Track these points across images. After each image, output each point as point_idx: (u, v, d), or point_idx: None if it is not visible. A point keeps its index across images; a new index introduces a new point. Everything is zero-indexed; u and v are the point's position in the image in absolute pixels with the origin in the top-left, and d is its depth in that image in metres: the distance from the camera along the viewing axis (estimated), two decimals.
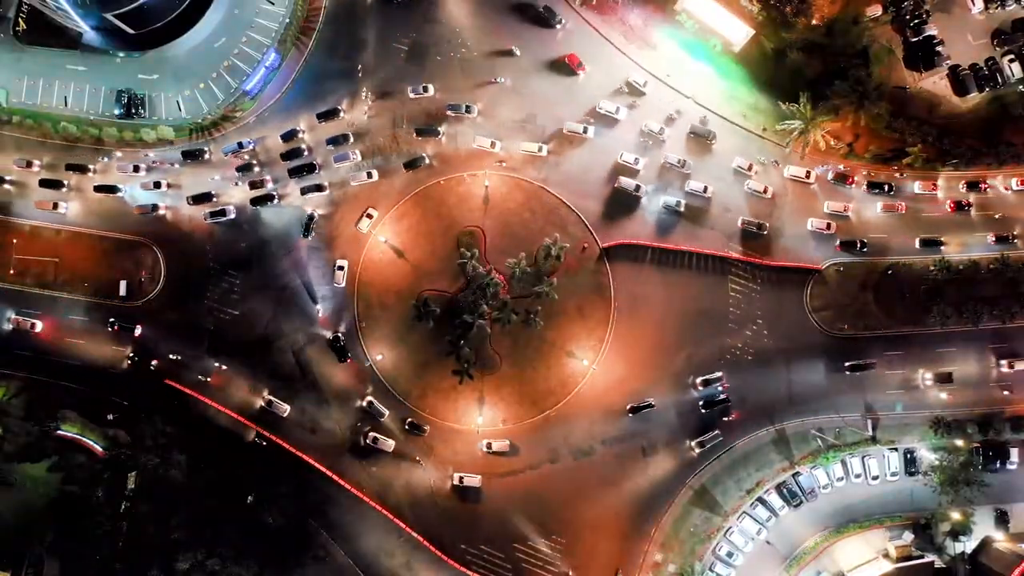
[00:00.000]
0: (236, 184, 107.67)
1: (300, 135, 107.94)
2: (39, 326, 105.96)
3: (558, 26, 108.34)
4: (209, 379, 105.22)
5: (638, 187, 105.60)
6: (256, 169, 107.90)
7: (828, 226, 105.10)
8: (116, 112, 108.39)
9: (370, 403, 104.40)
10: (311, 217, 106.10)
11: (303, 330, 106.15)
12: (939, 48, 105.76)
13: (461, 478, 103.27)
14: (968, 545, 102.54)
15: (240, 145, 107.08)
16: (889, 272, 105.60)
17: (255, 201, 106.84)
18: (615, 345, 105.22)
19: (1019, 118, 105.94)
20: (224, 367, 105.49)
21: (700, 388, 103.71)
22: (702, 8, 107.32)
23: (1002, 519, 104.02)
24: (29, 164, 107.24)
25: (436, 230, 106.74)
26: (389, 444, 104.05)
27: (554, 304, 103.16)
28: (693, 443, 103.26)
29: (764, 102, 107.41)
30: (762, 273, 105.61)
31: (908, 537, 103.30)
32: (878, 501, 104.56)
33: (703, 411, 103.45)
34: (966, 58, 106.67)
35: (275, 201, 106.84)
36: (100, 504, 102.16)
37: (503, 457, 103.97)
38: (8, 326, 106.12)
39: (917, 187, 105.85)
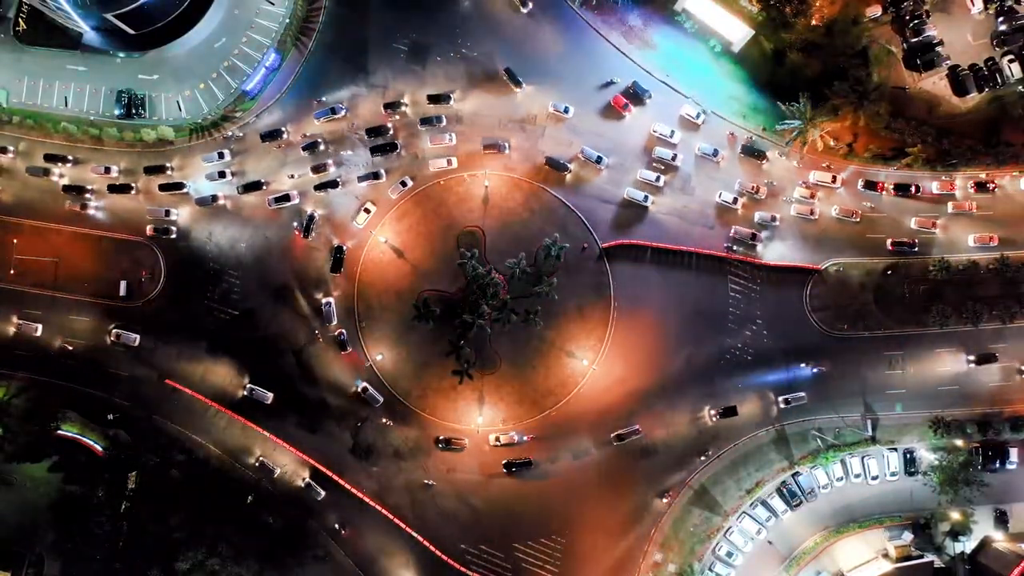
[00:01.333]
0: (291, 177, 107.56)
1: (404, 107, 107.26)
2: (39, 330, 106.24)
3: (524, 8, 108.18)
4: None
5: (646, 197, 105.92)
6: (321, 147, 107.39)
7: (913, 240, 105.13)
8: (116, 112, 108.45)
9: (364, 389, 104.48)
10: (311, 217, 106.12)
11: (303, 329, 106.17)
12: (938, 48, 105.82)
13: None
14: (967, 545, 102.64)
15: (333, 110, 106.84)
16: (888, 272, 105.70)
17: (320, 187, 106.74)
18: (615, 345, 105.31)
19: (1018, 118, 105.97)
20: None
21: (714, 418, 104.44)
22: (702, 8, 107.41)
23: (1001, 519, 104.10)
24: (107, 170, 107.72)
25: (436, 230, 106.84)
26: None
27: (554, 304, 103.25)
28: (780, 399, 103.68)
29: (764, 102, 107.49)
30: (761, 273, 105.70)
31: (907, 537, 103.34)
32: (877, 501, 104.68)
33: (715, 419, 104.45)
34: (965, 58, 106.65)
35: (338, 187, 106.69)
36: (100, 504, 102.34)
37: (504, 454, 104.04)
38: (12, 329, 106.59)
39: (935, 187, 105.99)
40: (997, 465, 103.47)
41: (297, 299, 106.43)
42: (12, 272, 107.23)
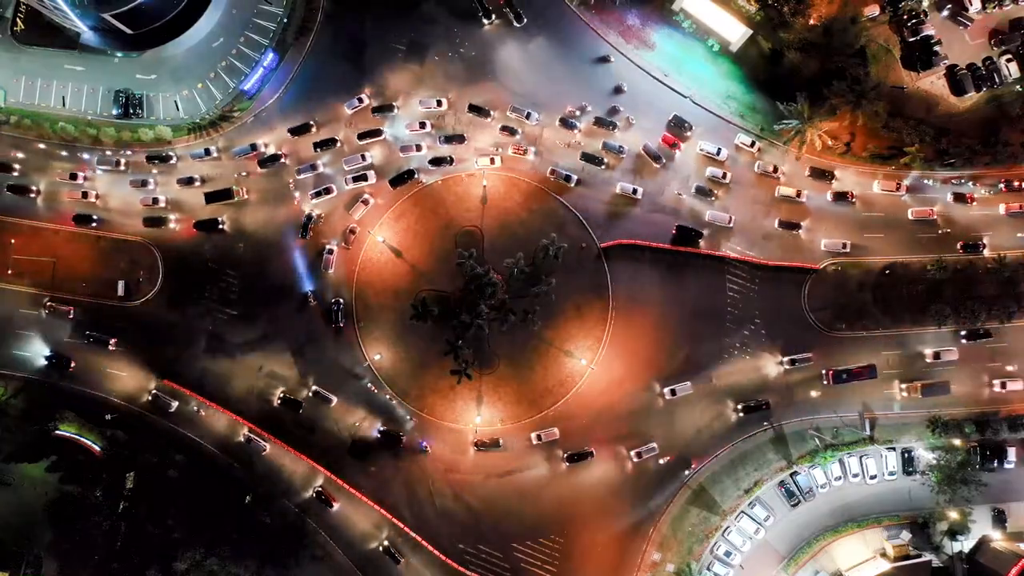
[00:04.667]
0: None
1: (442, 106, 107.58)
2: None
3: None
4: None
5: (635, 190, 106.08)
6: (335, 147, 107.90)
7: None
8: (114, 112, 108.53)
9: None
10: (309, 217, 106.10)
11: (302, 329, 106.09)
12: (936, 48, 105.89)
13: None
14: (966, 544, 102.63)
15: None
16: (887, 272, 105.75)
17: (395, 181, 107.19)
18: (613, 345, 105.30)
19: (1016, 118, 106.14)
20: None
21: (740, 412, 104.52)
22: (700, 8, 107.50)
23: (999, 518, 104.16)
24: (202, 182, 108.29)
25: (434, 230, 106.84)
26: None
27: (552, 304, 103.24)
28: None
29: (762, 102, 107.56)
30: (760, 273, 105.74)
31: (906, 536, 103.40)
32: (876, 500, 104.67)
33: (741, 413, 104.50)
34: (963, 58, 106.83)
35: (416, 175, 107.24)
36: (98, 504, 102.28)
37: (502, 454, 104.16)
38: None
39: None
40: (995, 464, 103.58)
41: (296, 299, 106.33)
42: (10, 272, 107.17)
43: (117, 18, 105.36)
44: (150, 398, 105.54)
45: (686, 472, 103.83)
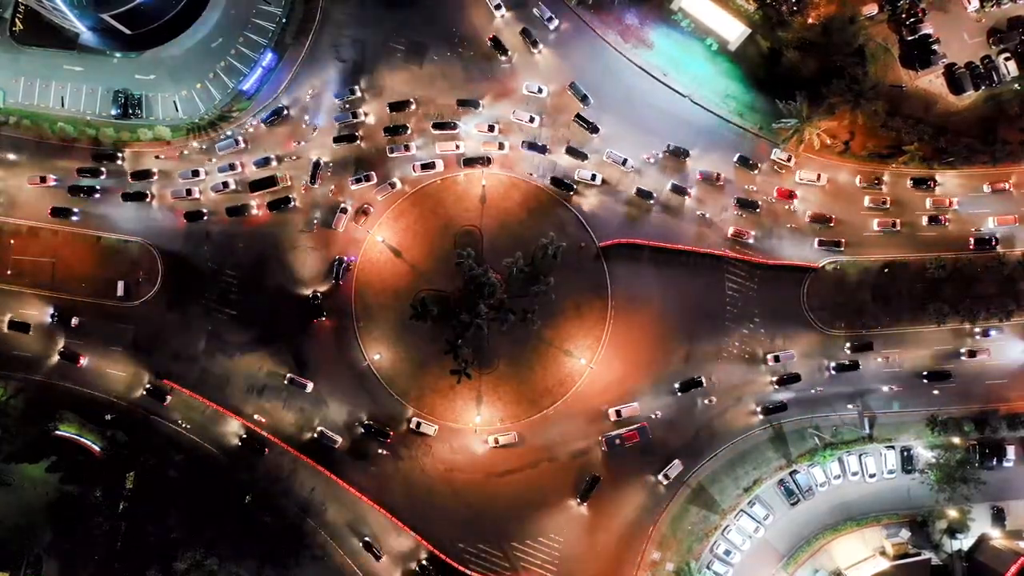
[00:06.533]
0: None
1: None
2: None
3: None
4: None
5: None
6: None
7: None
8: (113, 112, 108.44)
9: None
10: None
11: (302, 329, 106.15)
12: (935, 47, 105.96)
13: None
14: (965, 542, 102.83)
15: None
16: (886, 270, 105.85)
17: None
18: (612, 344, 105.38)
19: (1015, 116, 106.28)
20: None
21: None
22: (698, 7, 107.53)
23: (998, 516, 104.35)
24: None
25: (434, 230, 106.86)
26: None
27: (551, 303, 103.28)
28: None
29: (761, 101, 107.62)
30: (759, 272, 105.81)
31: (905, 535, 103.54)
32: (875, 499, 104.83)
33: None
34: (962, 56, 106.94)
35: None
36: (98, 504, 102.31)
37: (503, 454, 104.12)
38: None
39: None
40: (994, 463, 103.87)
41: (295, 298, 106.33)
42: (9, 272, 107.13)
43: (116, 18, 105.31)
44: (144, 392, 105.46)
45: (669, 466, 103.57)
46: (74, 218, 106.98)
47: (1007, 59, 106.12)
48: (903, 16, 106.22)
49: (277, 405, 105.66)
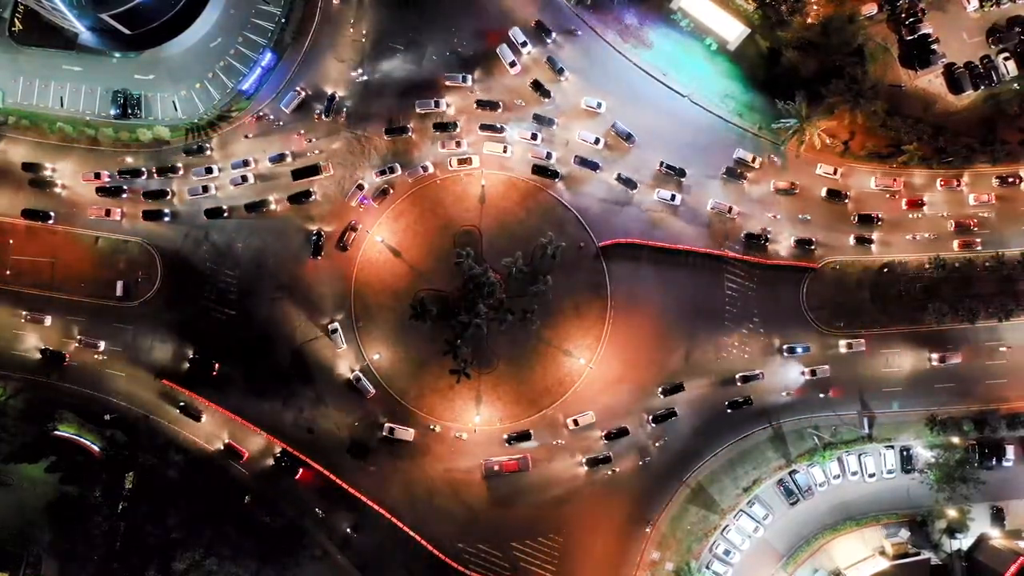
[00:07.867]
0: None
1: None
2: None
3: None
4: None
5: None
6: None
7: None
8: (112, 112, 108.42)
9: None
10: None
11: (301, 328, 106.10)
12: (934, 46, 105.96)
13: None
14: (964, 542, 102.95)
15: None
16: (885, 270, 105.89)
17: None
18: (612, 343, 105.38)
19: (1014, 116, 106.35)
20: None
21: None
22: (698, 7, 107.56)
23: (998, 516, 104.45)
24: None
25: (433, 229, 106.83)
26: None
27: (551, 303, 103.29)
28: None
29: (760, 101, 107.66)
30: (758, 272, 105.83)
31: (904, 534, 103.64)
32: (875, 499, 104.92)
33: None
34: (961, 56, 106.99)
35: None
36: (98, 504, 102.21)
37: (508, 452, 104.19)
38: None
39: None
40: (994, 462, 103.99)
41: (294, 298, 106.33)
42: (8, 272, 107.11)
43: (115, 18, 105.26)
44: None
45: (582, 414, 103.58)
46: (166, 218, 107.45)
47: (1006, 59, 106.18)
48: (902, 16, 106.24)
49: (277, 405, 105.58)
